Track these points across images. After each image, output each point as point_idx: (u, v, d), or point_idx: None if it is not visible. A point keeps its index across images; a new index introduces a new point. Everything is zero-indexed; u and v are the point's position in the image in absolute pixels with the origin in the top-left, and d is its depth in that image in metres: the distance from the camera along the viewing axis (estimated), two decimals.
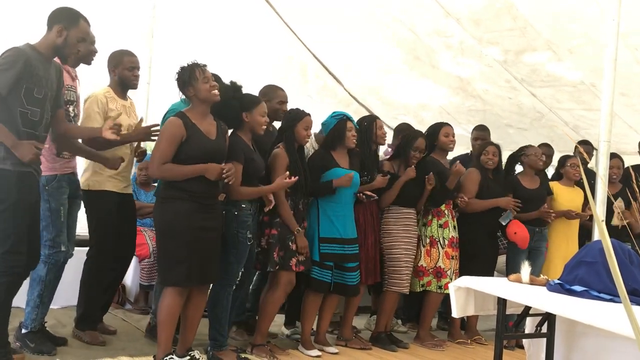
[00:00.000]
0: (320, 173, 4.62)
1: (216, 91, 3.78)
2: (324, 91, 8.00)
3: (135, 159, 4.63)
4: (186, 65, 3.77)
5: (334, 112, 4.82)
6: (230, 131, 4.09)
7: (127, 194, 4.46)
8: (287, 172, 4.16)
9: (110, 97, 4.30)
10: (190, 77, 3.73)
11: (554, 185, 5.65)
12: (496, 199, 5.29)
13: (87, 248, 4.42)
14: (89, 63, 4.06)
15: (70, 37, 3.57)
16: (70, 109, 3.96)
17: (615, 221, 5.32)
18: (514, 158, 5.68)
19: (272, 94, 4.79)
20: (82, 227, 4.65)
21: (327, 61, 7.59)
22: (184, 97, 3.86)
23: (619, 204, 5.22)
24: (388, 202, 5.01)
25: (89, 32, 3.69)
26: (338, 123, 4.68)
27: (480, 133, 6.16)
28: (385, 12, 6.28)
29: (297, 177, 4.14)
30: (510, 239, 5.31)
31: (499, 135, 7.58)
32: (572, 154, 6.00)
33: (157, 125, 4.21)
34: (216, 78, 3.93)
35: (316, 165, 4.62)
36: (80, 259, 4.44)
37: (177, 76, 3.78)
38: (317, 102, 6.67)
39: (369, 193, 4.78)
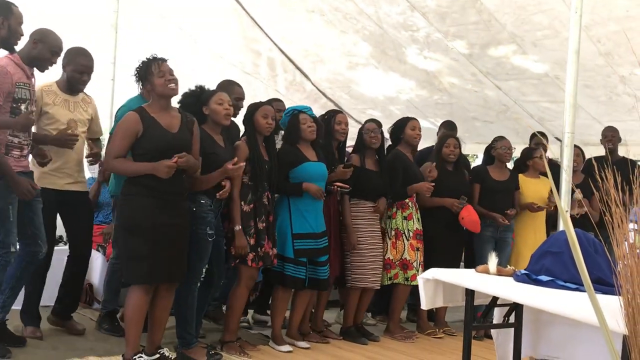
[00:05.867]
0: (288, 169, 4.59)
1: (173, 85, 3.73)
2: (292, 86, 7.97)
3: (86, 159, 4.54)
4: (145, 59, 3.76)
5: (287, 109, 4.84)
6: None
7: (72, 191, 4.31)
8: (236, 159, 4.03)
9: (48, 91, 4.20)
10: (146, 72, 3.72)
11: (520, 178, 5.67)
12: (443, 199, 5.30)
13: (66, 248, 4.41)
14: (46, 67, 3.97)
15: (12, 25, 3.71)
16: (22, 107, 3.79)
17: (575, 210, 5.33)
18: (489, 151, 5.71)
19: (229, 88, 4.71)
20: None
21: (294, 56, 7.57)
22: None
23: (578, 195, 5.26)
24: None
25: (21, 14, 3.78)
26: (290, 119, 4.68)
27: (449, 132, 6.18)
28: (352, 6, 6.28)
29: (243, 163, 4.05)
30: (461, 224, 5.32)
31: (466, 128, 7.66)
32: (531, 145, 6.08)
33: (75, 135, 4.13)
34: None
35: (284, 161, 4.56)
36: (57, 259, 4.42)
37: (135, 71, 3.78)
38: (285, 97, 6.63)
39: (341, 184, 4.77)
